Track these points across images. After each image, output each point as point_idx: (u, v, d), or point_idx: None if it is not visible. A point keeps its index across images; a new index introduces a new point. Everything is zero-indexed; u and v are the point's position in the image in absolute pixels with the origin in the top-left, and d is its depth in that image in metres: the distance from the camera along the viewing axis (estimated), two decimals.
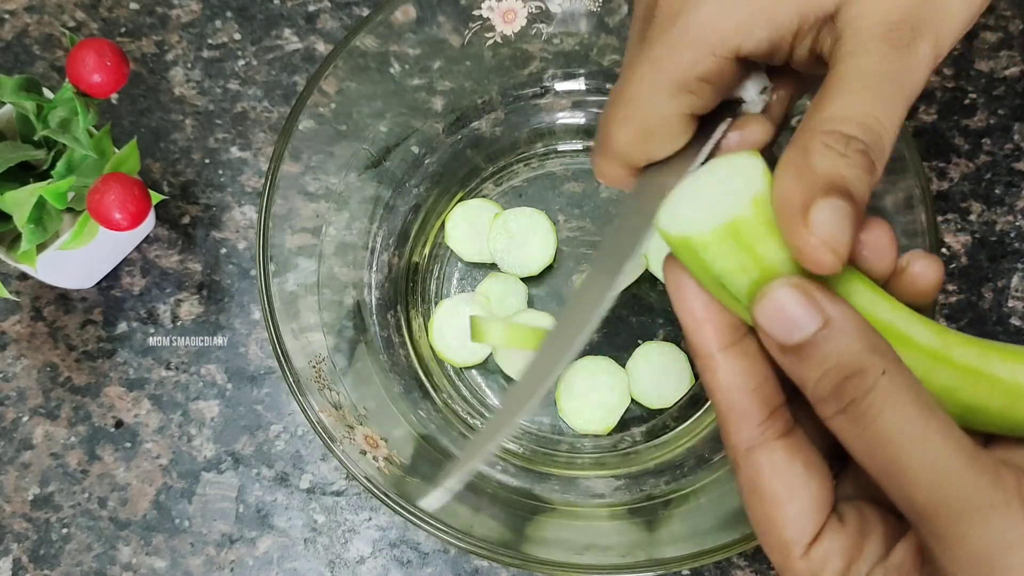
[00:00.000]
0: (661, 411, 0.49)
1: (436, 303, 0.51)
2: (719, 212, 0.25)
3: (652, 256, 0.50)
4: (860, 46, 0.26)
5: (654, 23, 0.29)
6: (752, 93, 0.30)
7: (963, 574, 0.22)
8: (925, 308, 0.28)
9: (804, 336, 0.24)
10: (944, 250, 0.51)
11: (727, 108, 0.30)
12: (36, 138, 0.46)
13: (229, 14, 0.57)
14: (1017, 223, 0.52)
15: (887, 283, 0.28)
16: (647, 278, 0.51)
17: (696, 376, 0.49)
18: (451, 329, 0.49)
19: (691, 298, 0.26)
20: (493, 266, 0.51)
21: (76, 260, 0.49)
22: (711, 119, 0.30)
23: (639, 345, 0.49)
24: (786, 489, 0.25)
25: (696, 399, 0.49)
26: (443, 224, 0.52)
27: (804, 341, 0.24)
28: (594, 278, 0.29)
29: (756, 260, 0.25)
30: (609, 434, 0.49)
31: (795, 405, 0.28)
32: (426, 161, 0.52)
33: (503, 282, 0.50)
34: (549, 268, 0.51)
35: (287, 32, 0.57)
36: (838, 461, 0.29)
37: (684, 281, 0.26)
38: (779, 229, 0.24)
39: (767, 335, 0.25)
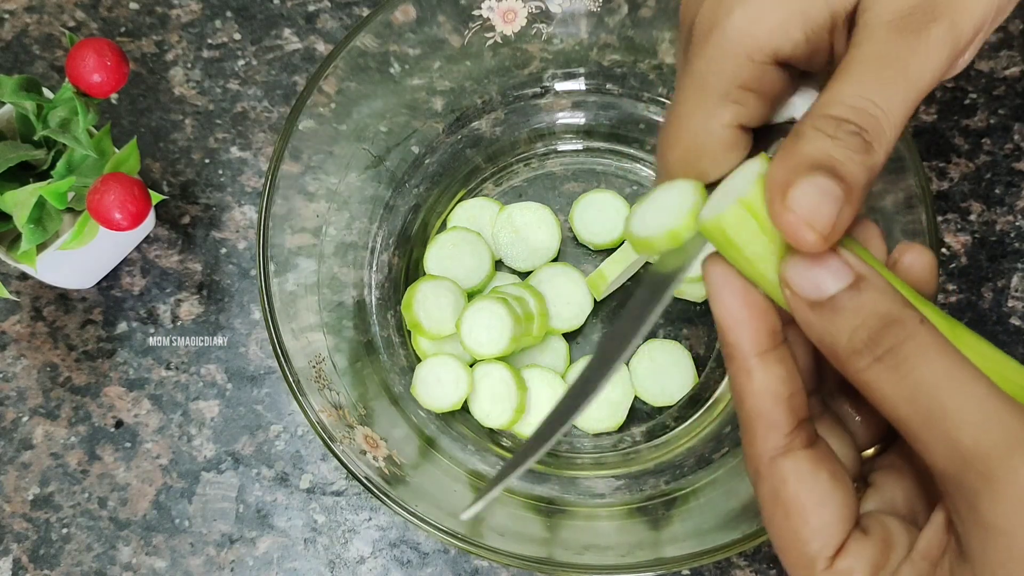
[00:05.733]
0: (662, 410, 0.49)
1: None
2: (733, 194, 0.26)
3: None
4: (867, 35, 0.26)
5: (692, 42, 0.29)
6: (802, 111, 0.29)
7: (1007, 518, 0.22)
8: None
9: (837, 289, 0.24)
10: (944, 250, 0.51)
11: (780, 131, 0.30)
12: (36, 138, 0.46)
13: (229, 14, 0.57)
14: (1017, 223, 0.52)
15: None
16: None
17: (700, 374, 0.49)
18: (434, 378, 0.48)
19: (731, 298, 0.26)
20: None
21: (76, 260, 0.49)
22: (763, 142, 0.29)
23: (640, 344, 0.49)
24: (812, 499, 0.25)
25: (696, 399, 0.49)
26: (444, 223, 0.52)
27: (837, 294, 0.24)
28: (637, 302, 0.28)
29: (772, 237, 0.26)
30: (611, 433, 0.49)
31: (822, 422, 0.29)
32: (426, 161, 0.52)
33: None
34: None
35: (287, 32, 0.57)
36: (860, 481, 0.29)
37: (725, 280, 0.26)
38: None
39: (796, 294, 0.25)
